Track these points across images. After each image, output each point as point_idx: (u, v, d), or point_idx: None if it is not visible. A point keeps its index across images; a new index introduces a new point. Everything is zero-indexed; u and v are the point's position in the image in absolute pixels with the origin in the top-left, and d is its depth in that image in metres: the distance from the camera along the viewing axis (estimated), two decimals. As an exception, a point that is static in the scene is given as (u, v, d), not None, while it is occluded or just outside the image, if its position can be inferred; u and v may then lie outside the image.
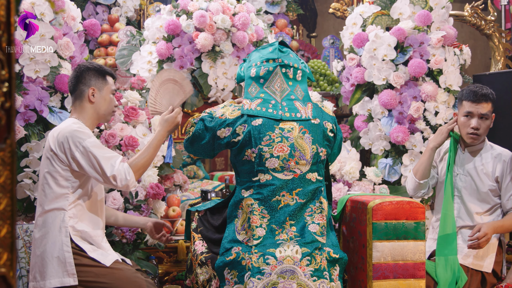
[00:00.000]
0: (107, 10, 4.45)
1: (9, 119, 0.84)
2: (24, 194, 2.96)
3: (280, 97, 2.35)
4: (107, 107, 2.53)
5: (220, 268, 2.25)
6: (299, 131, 2.31)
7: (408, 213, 2.41)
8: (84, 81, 2.47)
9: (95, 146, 2.34)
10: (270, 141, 2.28)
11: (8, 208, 0.83)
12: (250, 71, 2.40)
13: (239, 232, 2.28)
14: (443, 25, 3.68)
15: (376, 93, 3.70)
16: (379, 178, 3.58)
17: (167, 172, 3.53)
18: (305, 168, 2.31)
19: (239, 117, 2.32)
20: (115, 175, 2.30)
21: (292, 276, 2.18)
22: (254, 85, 2.38)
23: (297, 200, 2.28)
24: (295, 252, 2.21)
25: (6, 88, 0.83)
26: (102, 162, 2.31)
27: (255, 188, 2.28)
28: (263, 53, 2.42)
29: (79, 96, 2.48)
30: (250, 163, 2.29)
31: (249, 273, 2.18)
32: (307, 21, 5.45)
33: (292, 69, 2.39)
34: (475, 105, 2.82)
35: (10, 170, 0.84)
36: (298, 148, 2.30)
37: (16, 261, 0.85)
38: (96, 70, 2.50)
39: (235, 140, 2.29)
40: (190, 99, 3.62)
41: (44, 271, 2.32)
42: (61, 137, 2.35)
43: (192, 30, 3.52)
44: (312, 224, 2.27)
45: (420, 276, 2.40)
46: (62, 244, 2.33)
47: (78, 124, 2.41)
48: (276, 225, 2.24)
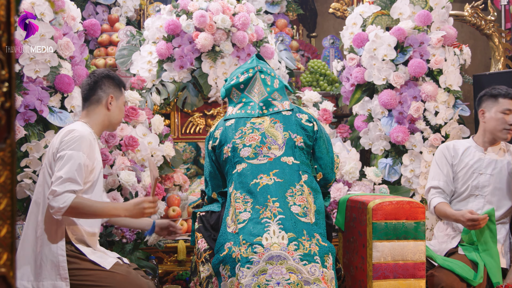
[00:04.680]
0: (107, 10, 4.45)
1: (9, 119, 0.84)
2: (24, 194, 2.96)
3: (258, 99, 2.52)
4: (119, 116, 2.57)
5: (216, 266, 2.30)
6: (270, 122, 2.47)
7: (408, 213, 2.41)
8: (104, 87, 2.51)
9: (74, 162, 2.28)
10: (242, 134, 2.45)
11: (8, 208, 0.83)
12: (231, 82, 2.60)
13: (229, 226, 2.34)
14: (443, 25, 3.68)
15: (376, 93, 3.70)
16: (379, 178, 3.58)
17: (167, 172, 3.53)
18: (279, 152, 2.41)
19: (218, 124, 2.56)
20: (57, 192, 2.22)
21: (280, 261, 2.18)
22: (236, 91, 2.58)
23: (275, 180, 2.35)
24: (281, 238, 2.22)
25: (6, 88, 0.83)
26: (63, 174, 2.25)
27: (235, 179, 2.39)
28: (243, 67, 2.63)
29: (95, 101, 2.50)
30: (229, 160, 2.44)
31: (239, 264, 2.20)
32: (307, 21, 5.44)
33: (270, 76, 2.57)
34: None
35: (10, 170, 0.84)
36: (269, 135, 2.44)
37: (16, 261, 0.85)
38: (115, 79, 2.55)
39: (215, 144, 2.50)
40: (190, 99, 3.62)
41: (39, 272, 2.32)
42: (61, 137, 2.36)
43: (192, 30, 3.52)
44: (294, 206, 2.31)
45: (420, 276, 2.40)
46: (57, 247, 2.32)
47: (84, 133, 2.37)
48: (260, 205, 2.30)
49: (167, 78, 3.56)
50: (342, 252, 2.77)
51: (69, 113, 3.08)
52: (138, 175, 3.21)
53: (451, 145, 3.03)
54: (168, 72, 3.55)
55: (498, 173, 2.89)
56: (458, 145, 3.01)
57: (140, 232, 3.07)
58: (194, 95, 3.62)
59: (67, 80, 3.04)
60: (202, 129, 3.75)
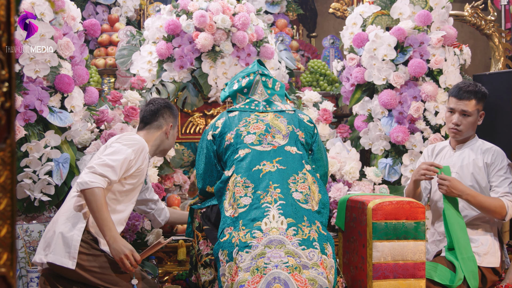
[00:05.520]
0: (107, 10, 4.45)
1: (9, 119, 0.84)
2: (24, 194, 2.96)
3: (261, 99, 2.59)
4: (172, 143, 2.83)
5: (216, 252, 2.31)
6: (274, 116, 2.53)
7: (408, 213, 2.41)
8: (166, 116, 2.77)
9: (122, 154, 2.46)
10: (246, 123, 2.49)
11: (8, 208, 0.83)
12: (233, 86, 2.66)
13: (227, 209, 2.35)
14: (443, 25, 3.68)
15: (376, 93, 3.70)
16: (379, 178, 3.58)
17: (167, 172, 3.53)
18: (283, 141, 2.45)
19: (220, 115, 2.61)
20: (95, 170, 2.39)
21: (279, 245, 2.19)
22: (240, 96, 2.63)
23: (278, 167, 2.37)
24: (280, 223, 2.24)
25: (6, 88, 0.83)
26: (107, 160, 2.42)
27: (236, 164, 2.40)
28: (244, 71, 2.70)
29: (156, 127, 2.75)
30: (231, 145, 2.46)
31: (236, 249, 2.21)
32: (307, 21, 5.45)
33: (272, 79, 2.64)
34: (458, 101, 2.84)
35: (10, 170, 0.84)
36: (273, 126, 2.49)
37: (16, 261, 0.85)
38: (174, 110, 2.83)
39: (215, 132, 2.51)
40: (190, 99, 3.63)
41: (49, 245, 2.43)
42: (121, 136, 2.61)
43: (192, 30, 3.52)
44: (296, 192, 2.32)
45: (420, 276, 2.40)
46: (74, 229, 2.43)
47: (143, 141, 2.59)
48: (261, 190, 2.31)
49: (167, 78, 3.56)
50: (342, 252, 2.77)
51: (69, 113, 3.07)
52: (138, 175, 3.21)
53: (433, 146, 3.08)
54: (168, 72, 3.55)
55: (462, 172, 2.86)
56: (439, 145, 3.05)
57: (140, 232, 3.07)
58: (194, 95, 3.61)
59: (67, 80, 3.04)
60: (202, 129, 3.75)
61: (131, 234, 3.01)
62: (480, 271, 2.77)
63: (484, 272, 2.78)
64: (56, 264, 2.39)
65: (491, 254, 2.80)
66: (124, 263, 2.36)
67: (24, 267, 2.95)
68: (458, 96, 2.84)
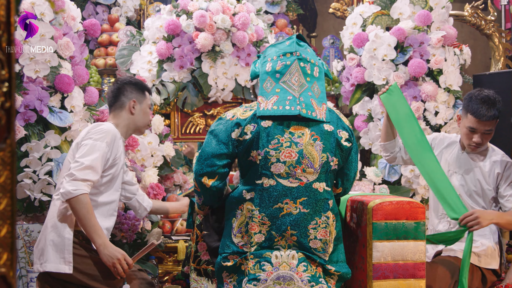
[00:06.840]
0: (107, 10, 4.45)
1: (9, 119, 0.84)
2: (24, 194, 2.96)
3: (298, 92, 2.20)
4: (144, 119, 2.67)
5: (219, 272, 2.24)
6: (310, 138, 2.19)
7: (408, 213, 2.41)
8: (126, 93, 2.62)
9: (97, 151, 2.38)
10: (278, 145, 2.17)
11: (8, 208, 0.83)
12: (265, 66, 2.27)
13: (235, 233, 2.22)
14: (443, 25, 3.68)
15: (376, 93, 3.70)
16: (379, 178, 3.58)
17: (167, 172, 3.53)
18: (312, 177, 2.20)
19: (251, 117, 2.20)
20: (76, 177, 2.32)
21: (288, 282, 2.15)
22: (270, 80, 2.24)
23: (301, 210, 2.18)
24: (291, 258, 2.18)
25: (6, 88, 0.83)
26: (85, 161, 2.35)
27: (257, 192, 2.18)
28: (279, 47, 2.29)
29: (119, 106, 2.61)
30: (255, 165, 2.19)
31: (246, 279, 2.17)
32: (307, 21, 5.45)
33: (310, 64, 2.25)
34: (481, 123, 2.72)
35: (10, 170, 0.84)
36: (307, 155, 2.18)
37: (16, 261, 0.85)
38: (137, 84, 2.67)
39: (240, 139, 2.18)
40: (190, 99, 3.63)
41: (42, 254, 2.40)
42: (89, 129, 2.48)
43: (192, 30, 3.52)
44: (314, 240, 2.21)
45: (420, 276, 2.40)
46: (65, 233, 2.39)
47: (110, 127, 2.48)
48: (276, 232, 2.18)
49: (167, 78, 3.56)
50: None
51: (69, 113, 3.08)
52: (138, 175, 3.21)
53: (441, 135, 3.02)
54: (168, 72, 3.55)
55: (467, 175, 2.85)
56: (448, 138, 2.98)
57: (140, 232, 3.07)
58: (194, 95, 3.62)
59: (67, 80, 3.04)
60: (202, 129, 3.75)
61: (131, 234, 3.01)
62: (480, 271, 2.78)
63: (484, 272, 2.78)
64: (53, 272, 2.38)
65: (491, 257, 2.80)
66: (117, 267, 2.35)
67: (24, 267, 2.96)
68: (480, 118, 2.70)
